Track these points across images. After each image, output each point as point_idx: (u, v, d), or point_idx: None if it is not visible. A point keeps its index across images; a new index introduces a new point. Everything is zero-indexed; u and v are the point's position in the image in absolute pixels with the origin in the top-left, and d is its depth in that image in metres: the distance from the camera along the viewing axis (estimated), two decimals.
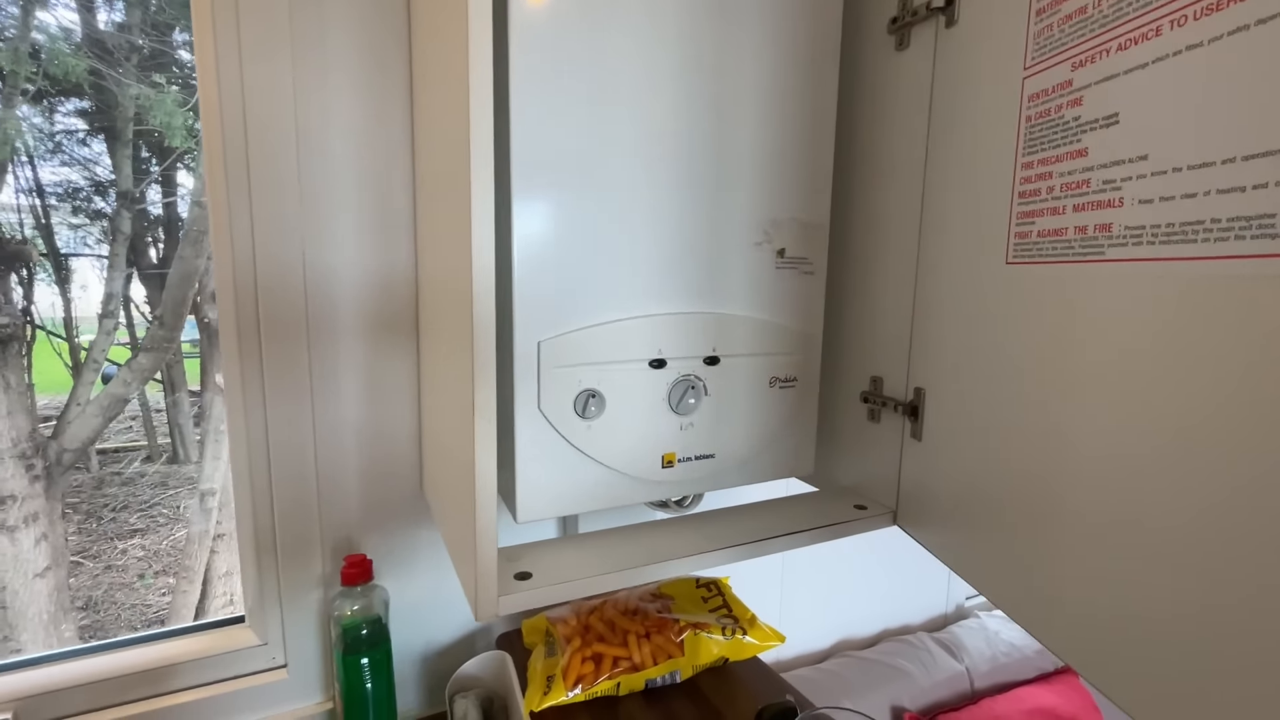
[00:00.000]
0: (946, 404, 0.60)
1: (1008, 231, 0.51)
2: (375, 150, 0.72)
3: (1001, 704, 1.10)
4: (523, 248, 0.55)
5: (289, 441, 0.71)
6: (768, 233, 0.65)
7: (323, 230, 0.70)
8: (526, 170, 0.54)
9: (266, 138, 0.67)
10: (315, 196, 0.70)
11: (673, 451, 0.64)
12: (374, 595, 0.71)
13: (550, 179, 0.55)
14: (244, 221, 0.67)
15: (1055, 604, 0.50)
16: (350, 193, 0.71)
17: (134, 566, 3.96)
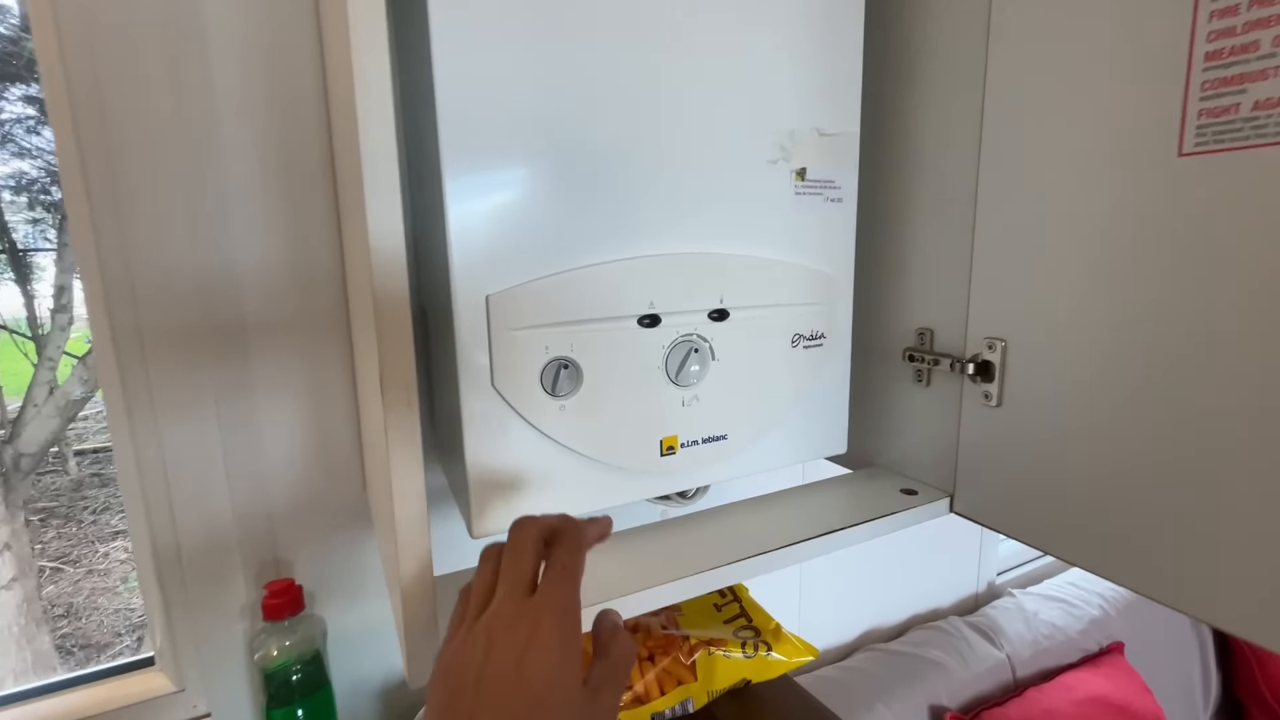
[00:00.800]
0: (1044, 357, 0.46)
1: (1182, 110, 0.36)
2: (281, 127, 0.56)
3: (1049, 695, 0.98)
4: (456, 160, 0.39)
5: (191, 457, 0.57)
6: (784, 148, 0.50)
7: (217, 226, 0.55)
8: (455, 43, 0.38)
9: (135, 115, 0.51)
10: (202, 185, 0.54)
11: (674, 434, 0.49)
12: (307, 628, 0.57)
13: (491, 66, 0.39)
14: (109, 219, 0.51)
15: (1228, 584, 0.37)
16: (253, 179, 0.56)
17: (117, 570, 3.83)
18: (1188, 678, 1.26)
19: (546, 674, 0.27)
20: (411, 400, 0.32)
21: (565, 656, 0.28)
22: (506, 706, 0.26)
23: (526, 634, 0.28)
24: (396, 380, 0.31)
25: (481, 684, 0.27)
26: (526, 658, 0.27)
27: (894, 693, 0.92)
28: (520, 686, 0.27)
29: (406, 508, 0.32)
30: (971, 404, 0.52)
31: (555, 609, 0.29)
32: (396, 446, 0.32)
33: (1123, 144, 0.39)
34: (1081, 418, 0.44)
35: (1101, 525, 0.44)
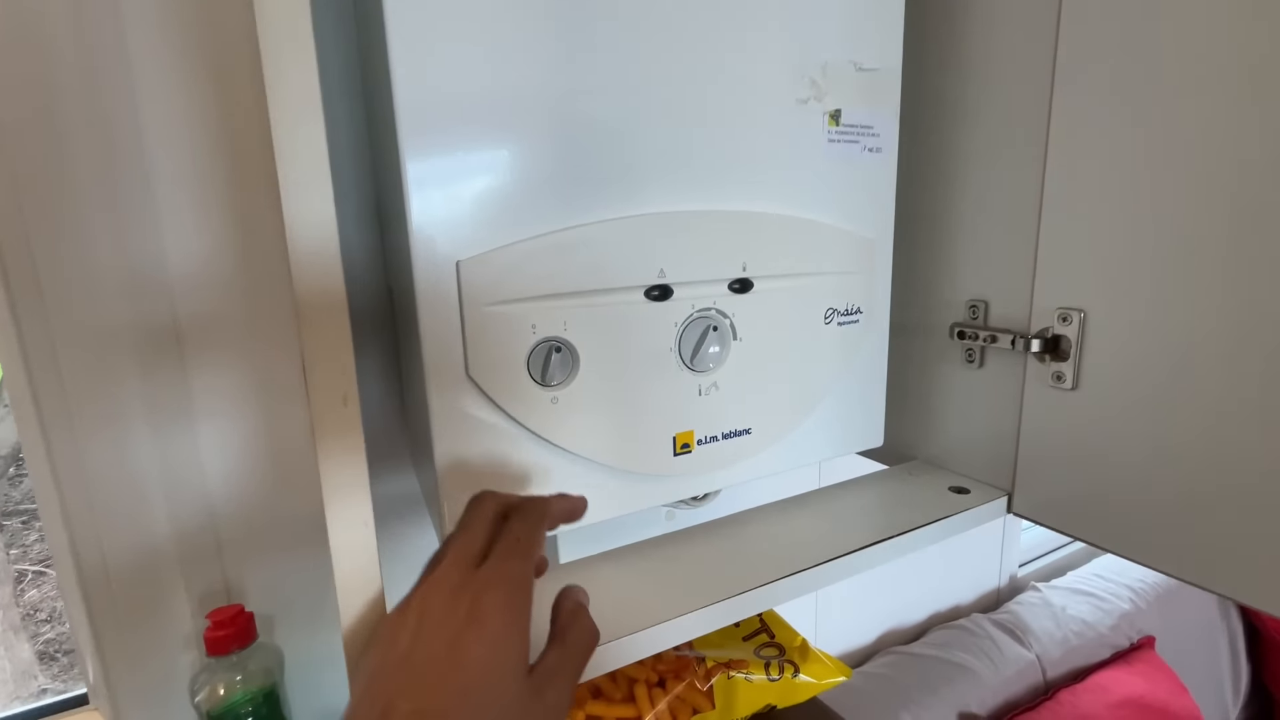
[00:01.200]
0: (1135, 331, 0.38)
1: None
2: (214, 108, 0.47)
3: (1084, 698, 0.92)
4: (412, 87, 0.31)
5: (119, 473, 0.49)
6: (816, 83, 0.42)
7: (144, 221, 0.46)
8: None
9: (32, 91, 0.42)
10: (122, 174, 0.45)
11: (689, 429, 0.41)
12: (260, 661, 0.49)
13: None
14: (9, 212, 0.43)
15: None
16: (183, 166, 0.47)
17: None
18: (1217, 669, 1.21)
19: (483, 659, 0.23)
20: (350, 396, 0.23)
21: (508, 639, 0.24)
22: (430, 695, 0.22)
23: (466, 611, 0.24)
24: (329, 369, 0.23)
25: (406, 666, 0.23)
26: (462, 638, 0.23)
27: (920, 700, 0.85)
28: (451, 673, 0.22)
29: (346, 536, 0.24)
30: (1037, 387, 0.44)
31: (502, 583, 0.25)
32: (329, 458, 0.23)
33: (1268, 59, 0.31)
34: (1181, 403, 0.36)
35: (1205, 530, 0.36)
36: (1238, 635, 1.24)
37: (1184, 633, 1.15)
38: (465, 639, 0.23)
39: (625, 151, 0.36)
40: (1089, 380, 0.41)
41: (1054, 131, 0.41)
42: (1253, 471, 0.34)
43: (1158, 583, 1.17)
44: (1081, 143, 0.40)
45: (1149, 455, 0.38)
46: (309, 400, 0.23)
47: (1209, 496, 0.36)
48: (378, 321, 0.54)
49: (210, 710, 0.46)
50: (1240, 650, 1.24)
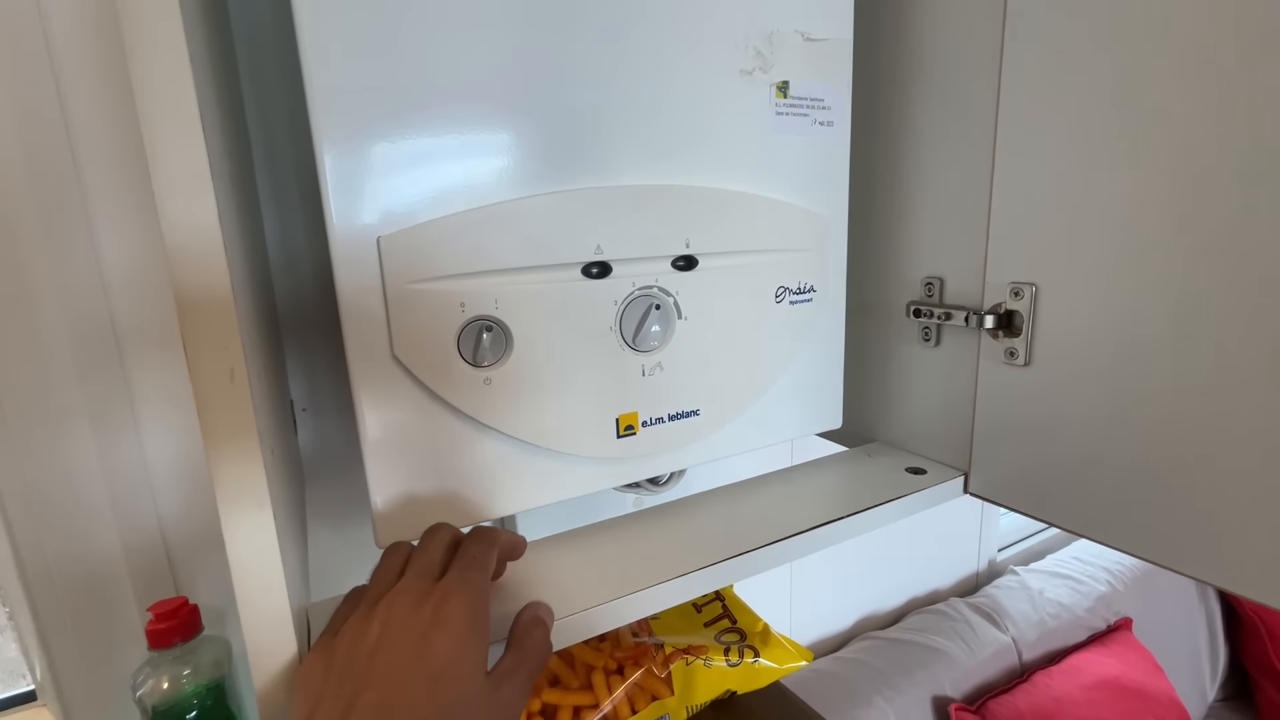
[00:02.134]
0: (1086, 303, 0.37)
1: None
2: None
3: (1059, 679, 0.92)
4: (319, 49, 0.29)
5: (60, 469, 0.48)
6: (760, 53, 0.40)
7: (78, 226, 0.45)
8: None
9: None
10: (53, 179, 0.44)
11: (632, 410, 0.40)
12: (206, 653, 0.48)
13: None
14: None
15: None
16: (110, 164, 0.46)
17: None
18: (1195, 650, 1.21)
19: (448, 655, 0.25)
20: (237, 370, 0.22)
21: (470, 640, 0.26)
22: (400, 683, 0.24)
23: (431, 614, 0.26)
24: (211, 340, 0.22)
25: (373, 660, 0.24)
26: (429, 636, 0.25)
27: (894, 684, 0.85)
28: (417, 664, 0.24)
29: (239, 531, 0.23)
30: (991, 364, 0.43)
31: (463, 589, 0.27)
32: (218, 440, 0.22)
33: (1206, 26, 0.30)
34: (1134, 376, 0.35)
35: (1156, 505, 0.35)
36: (1216, 616, 1.25)
37: (1162, 614, 1.16)
38: (431, 638, 0.25)
39: (558, 123, 0.35)
40: (1041, 355, 0.40)
41: (1003, 109, 0.40)
42: (1205, 446, 0.33)
43: (1135, 565, 1.18)
44: (1030, 120, 0.39)
45: (1101, 431, 0.38)
46: (190, 378, 0.21)
47: (1162, 472, 0.35)
48: (324, 310, 0.52)
49: (154, 705, 0.45)
50: (1218, 631, 1.25)
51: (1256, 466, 0.31)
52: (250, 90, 0.48)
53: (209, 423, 0.22)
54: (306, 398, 0.54)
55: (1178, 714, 0.98)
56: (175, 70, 0.20)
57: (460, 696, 0.25)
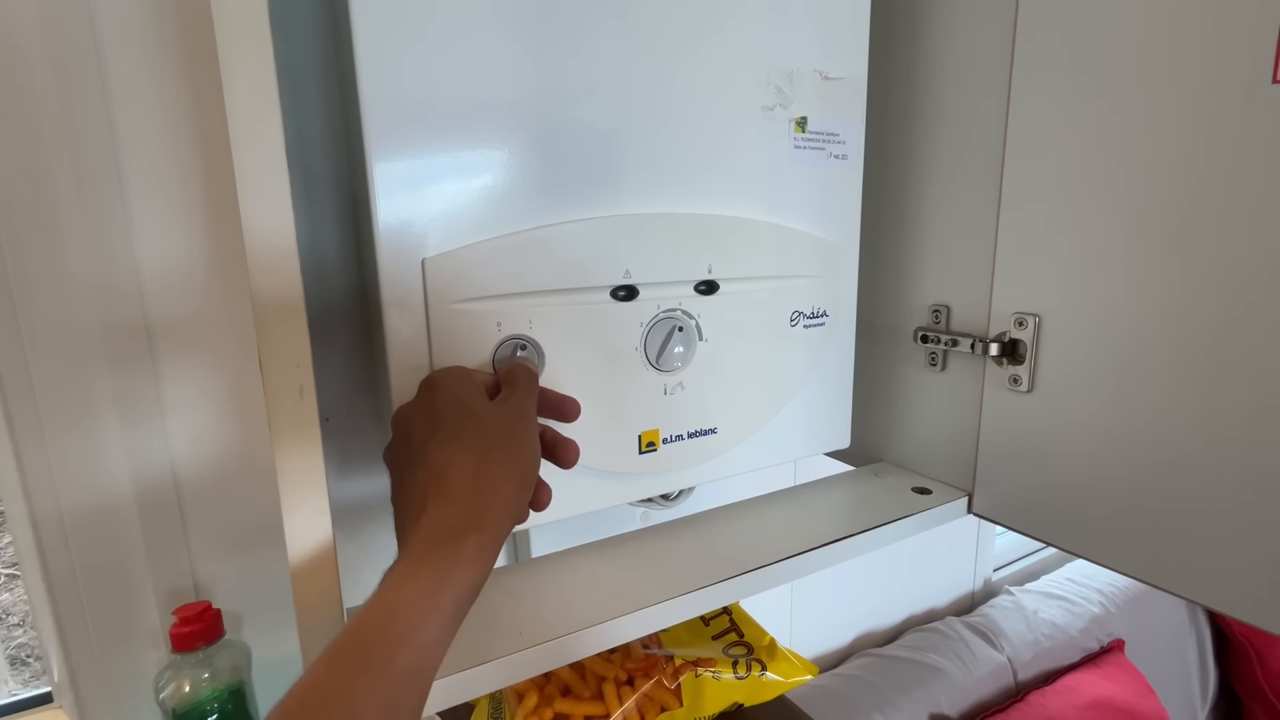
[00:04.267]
0: (1088, 335, 0.39)
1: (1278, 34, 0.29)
2: (176, 112, 0.48)
3: (1053, 700, 0.93)
4: (377, 83, 0.31)
5: (87, 469, 0.49)
6: (782, 91, 0.43)
7: (117, 223, 0.47)
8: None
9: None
10: (90, 165, 0.46)
11: (654, 427, 0.42)
12: (226, 658, 0.48)
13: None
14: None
15: None
16: (153, 168, 0.47)
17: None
18: (1186, 673, 1.23)
19: (452, 392, 0.31)
20: (307, 387, 0.24)
21: (461, 383, 0.31)
22: (429, 419, 0.30)
23: (427, 388, 0.32)
24: (284, 360, 0.24)
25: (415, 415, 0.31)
26: (434, 395, 0.31)
27: (893, 701, 0.86)
28: (435, 405, 0.30)
29: (301, 537, 0.24)
30: (995, 390, 0.45)
31: (446, 371, 0.33)
32: (287, 451, 0.24)
33: (1200, 71, 0.32)
34: (1132, 406, 0.37)
35: (1151, 528, 0.37)
36: (1206, 639, 1.26)
37: (1153, 636, 1.17)
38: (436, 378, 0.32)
39: (592, 153, 0.37)
40: (1044, 383, 0.42)
41: (1010, 146, 0.42)
42: (1199, 473, 0.35)
43: (1128, 586, 1.19)
44: (1035, 157, 0.41)
45: (1100, 457, 0.39)
46: (264, 392, 0.23)
47: (1157, 497, 0.37)
48: (351, 321, 0.54)
49: (176, 707, 0.46)
50: (1208, 654, 1.27)
51: (1251, 497, 0.33)
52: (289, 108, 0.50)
53: (279, 434, 0.24)
54: (329, 408, 0.56)
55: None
56: (265, 106, 0.22)
57: (477, 416, 0.30)
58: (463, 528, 0.26)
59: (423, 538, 0.25)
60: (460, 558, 0.25)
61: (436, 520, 0.26)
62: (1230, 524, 0.34)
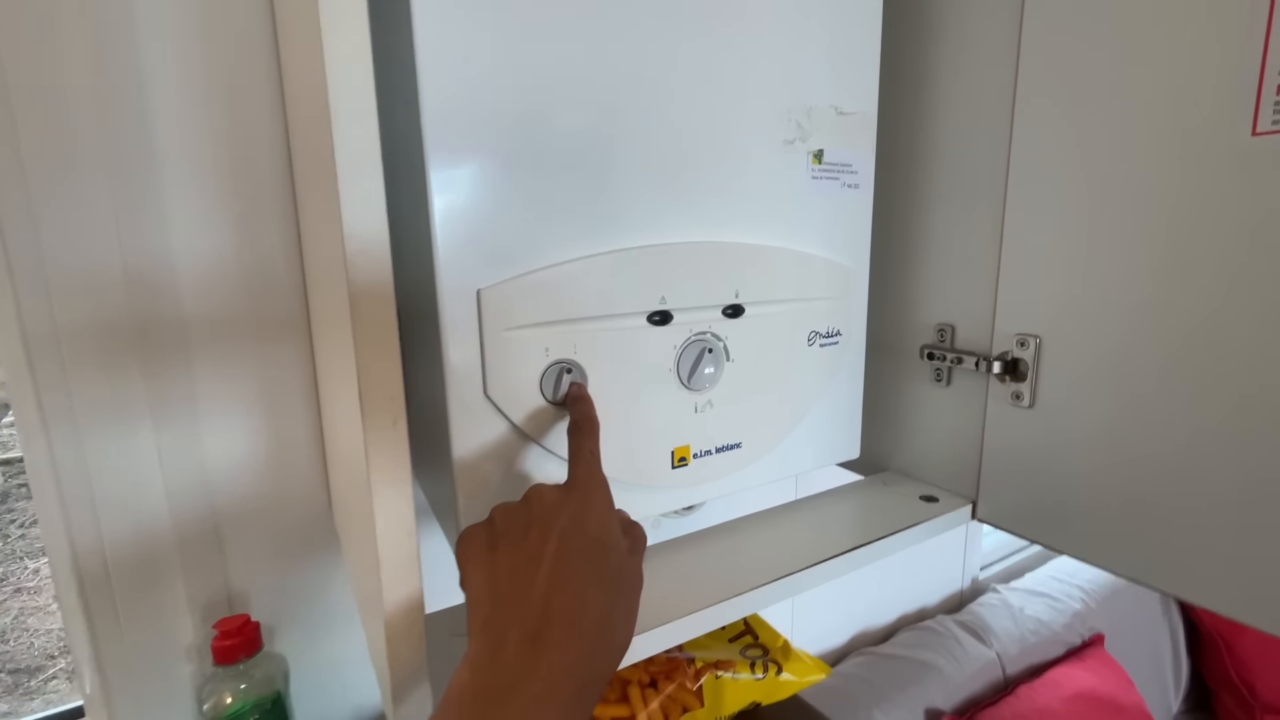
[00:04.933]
0: (1086, 356, 0.43)
1: (1259, 84, 0.33)
2: (225, 115, 0.49)
3: (1041, 692, 0.98)
4: (440, 134, 0.33)
5: (122, 478, 0.50)
6: (801, 125, 0.46)
7: (150, 216, 0.48)
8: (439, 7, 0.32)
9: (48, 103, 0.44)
10: (131, 172, 0.47)
11: (685, 443, 0.44)
12: (265, 669, 0.50)
13: (481, 34, 0.33)
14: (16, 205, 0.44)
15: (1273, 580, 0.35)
16: (193, 170, 0.49)
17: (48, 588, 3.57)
18: (1160, 665, 1.29)
19: (602, 526, 0.30)
20: (398, 419, 0.26)
21: (612, 514, 0.32)
22: (568, 541, 0.28)
23: (578, 498, 0.31)
24: (380, 395, 0.26)
25: (539, 525, 0.29)
26: (580, 515, 0.30)
27: (890, 698, 0.89)
28: (578, 531, 0.29)
29: (393, 546, 0.26)
30: (998, 405, 0.49)
31: (596, 480, 0.32)
32: (380, 473, 0.26)
33: (1186, 121, 0.36)
34: (1128, 420, 0.41)
35: (1142, 533, 0.41)
36: (1179, 632, 1.33)
37: (1130, 630, 1.23)
38: (582, 515, 0.30)
39: (631, 189, 0.39)
40: (1044, 399, 0.46)
41: (1013, 174, 0.46)
42: (1187, 483, 0.38)
43: (1106, 584, 1.25)
44: (1036, 186, 0.44)
45: (1096, 467, 0.43)
46: (363, 424, 0.25)
47: (1148, 505, 0.40)
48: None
49: (217, 717, 0.47)
50: (1181, 647, 1.33)
51: (1235, 499, 0.36)
52: None
53: (375, 462, 0.26)
54: None
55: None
56: (367, 143, 0.24)
57: (618, 558, 0.30)
58: (588, 676, 0.25)
59: (547, 677, 0.24)
60: (583, 709, 0.25)
61: (560, 661, 0.25)
62: (1215, 527, 0.37)
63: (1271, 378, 0.34)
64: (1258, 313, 0.34)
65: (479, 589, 0.28)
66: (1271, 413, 0.34)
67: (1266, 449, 0.35)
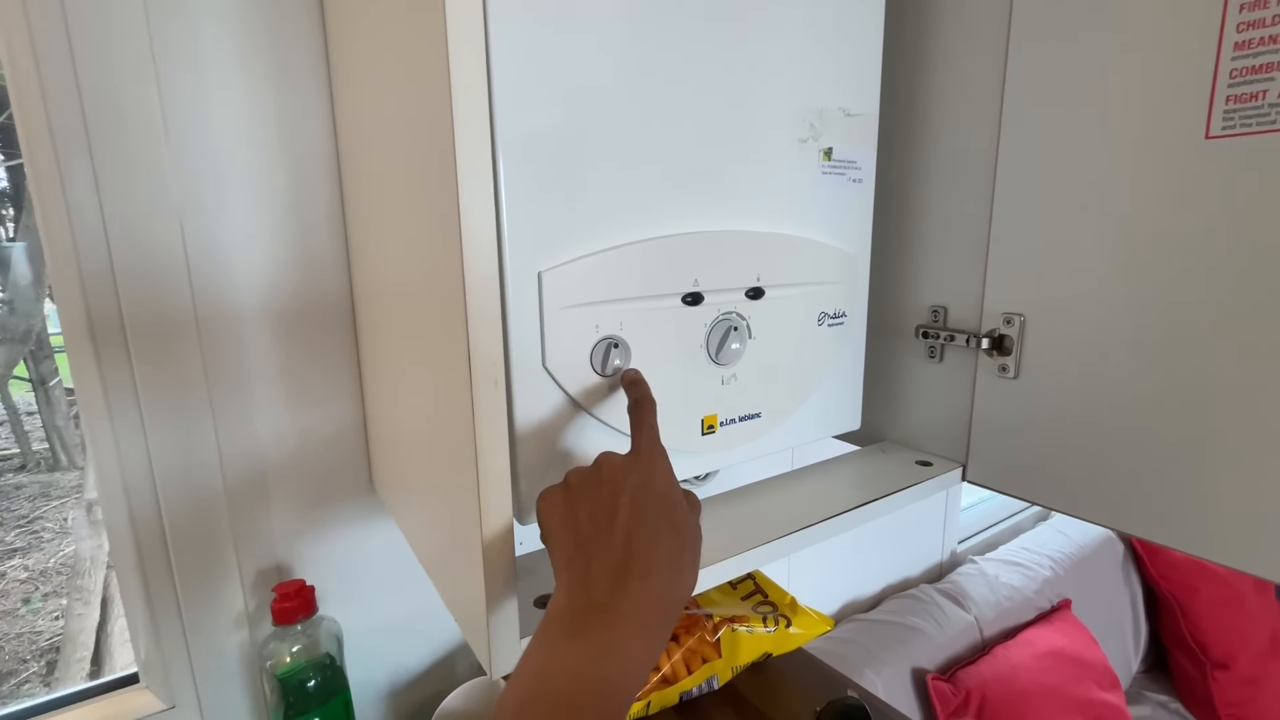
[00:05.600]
0: (1063, 332, 0.49)
1: (1210, 95, 0.38)
2: (277, 122, 0.53)
3: (1015, 651, 1.06)
4: (511, 137, 0.37)
5: (181, 453, 0.53)
6: (814, 126, 0.51)
7: (211, 214, 0.52)
8: (511, 17, 0.36)
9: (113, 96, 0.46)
10: (195, 176, 0.51)
11: (714, 413, 0.49)
12: (320, 631, 0.53)
13: (544, 43, 0.38)
14: (86, 192, 0.46)
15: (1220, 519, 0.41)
16: (246, 174, 0.52)
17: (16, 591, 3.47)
18: (1121, 626, 1.39)
19: (667, 487, 0.34)
20: (499, 378, 0.30)
21: (674, 479, 0.35)
22: (639, 498, 0.32)
23: (644, 464, 0.34)
24: (483, 356, 0.30)
25: (611, 485, 0.32)
26: (648, 478, 0.33)
27: (880, 658, 0.96)
28: (647, 490, 0.32)
29: (493, 494, 0.31)
30: (986, 377, 0.55)
31: (658, 450, 0.36)
32: (484, 426, 0.30)
33: (1150, 125, 0.42)
34: (1100, 387, 0.47)
35: (1118, 485, 0.47)
36: (1138, 597, 1.43)
37: (1094, 596, 1.32)
38: (650, 478, 0.34)
39: (672, 183, 0.44)
40: (1027, 371, 0.51)
41: (1000, 169, 0.51)
42: (1153, 442, 0.44)
43: (1073, 553, 1.34)
44: (1022, 180, 0.50)
45: (1072, 429, 0.49)
46: (471, 384, 0.29)
47: (1122, 460, 0.46)
48: None
49: (280, 674, 0.51)
50: (1140, 610, 1.43)
51: (1191, 451, 0.43)
52: None
53: (480, 419, 0.30)
54: None
55: (1110, 680, 1.13)
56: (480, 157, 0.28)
57: (682, 513, 0.33)
58: (666, 601, 0.29)
59: (635, 599, 0.28)
60: (661, 635, 0.28)
61: (642, 588, 0.28)
62: (1175, 477, 0.44)
63: (1224, 351, 0.40)
64: (1214, 293, 0.40)
65: (561, 534, 0.32)
66: (1224, 381, 0.40)
67: (1217, 411, 0.41)
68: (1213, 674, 1.34)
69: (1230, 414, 0.40)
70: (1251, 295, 0.38)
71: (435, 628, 0.68)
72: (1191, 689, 1.38)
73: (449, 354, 0.31)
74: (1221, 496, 0.41)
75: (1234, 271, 0.39)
